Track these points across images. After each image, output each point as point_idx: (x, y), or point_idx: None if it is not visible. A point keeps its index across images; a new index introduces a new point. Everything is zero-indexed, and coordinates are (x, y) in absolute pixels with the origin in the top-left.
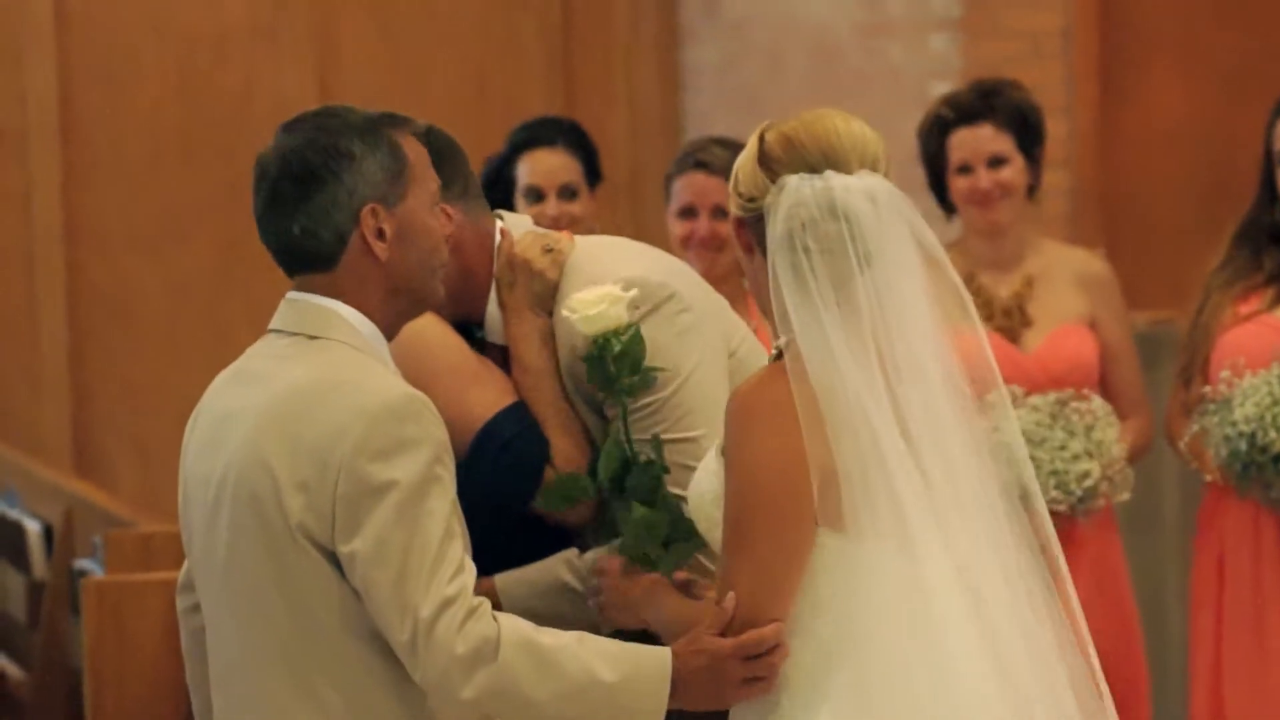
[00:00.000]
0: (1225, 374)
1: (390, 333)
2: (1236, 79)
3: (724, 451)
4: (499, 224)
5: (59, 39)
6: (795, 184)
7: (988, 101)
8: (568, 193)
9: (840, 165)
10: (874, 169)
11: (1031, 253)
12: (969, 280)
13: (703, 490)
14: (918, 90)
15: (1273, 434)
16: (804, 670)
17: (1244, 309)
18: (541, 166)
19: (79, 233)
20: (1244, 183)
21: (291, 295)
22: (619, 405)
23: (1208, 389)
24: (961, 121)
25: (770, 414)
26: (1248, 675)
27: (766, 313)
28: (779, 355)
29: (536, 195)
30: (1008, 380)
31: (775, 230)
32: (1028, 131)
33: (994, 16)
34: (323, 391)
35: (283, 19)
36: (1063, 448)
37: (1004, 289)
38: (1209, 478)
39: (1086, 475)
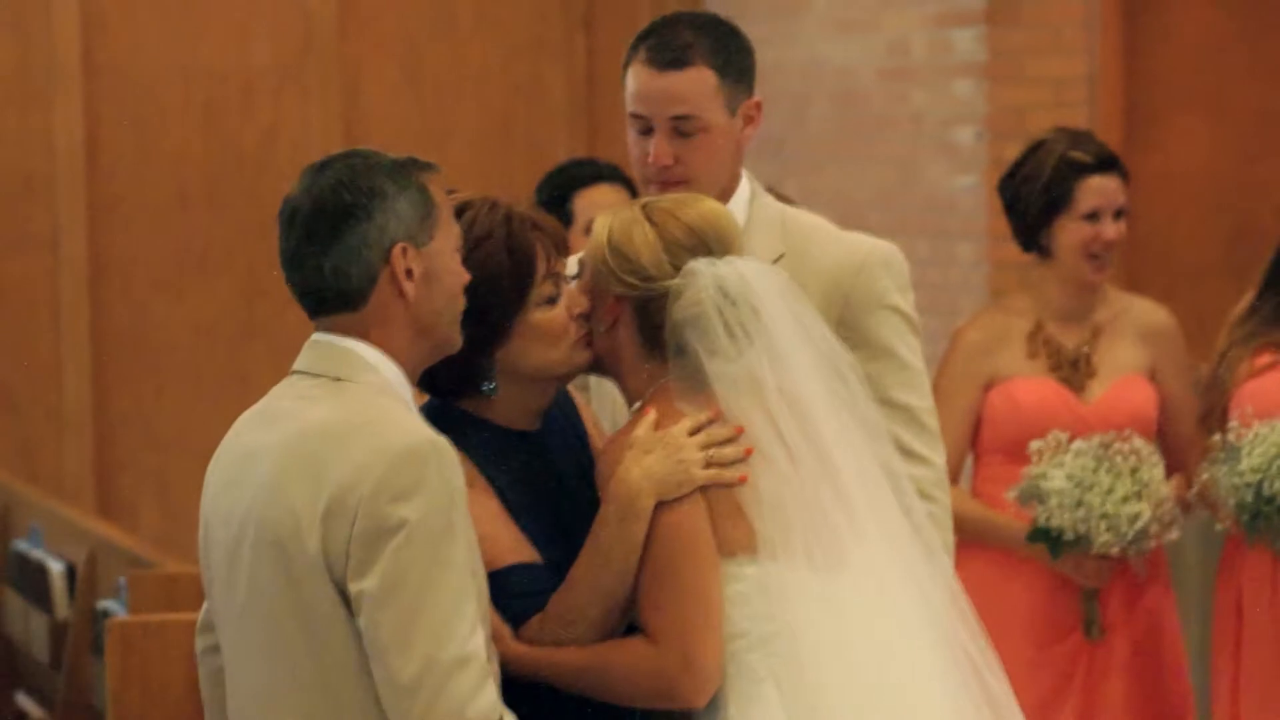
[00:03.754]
0: (1233, 423)
1: (414, 377)
2: (1258, 126)
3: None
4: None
5: (86, 83)
6: (706, 268)
7: (1111, 154)
8: None
9: (732, 249)
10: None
11: (1100, 303)
12: (1037, 329)
13: None
14: (940, 136)
15: (1279, 485)
16: (739, 689)
17: (1260, 361)
18: (604, 201)
19: (104, 274)
20: (1265, 229)
21: (316, 337)
22: None
23: (1216, 438)
24: (1099, 169)
25: None
26: None
27: (617, 378)
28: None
29: None
30: (1067, 430)
31: (685, 312)
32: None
33: (1018, 63)
34: (346, 432)
35: (309, 63)
36: (1110, 490)
37: (1071, 339)
38: (1220, 526)
39: (1137, 517)
